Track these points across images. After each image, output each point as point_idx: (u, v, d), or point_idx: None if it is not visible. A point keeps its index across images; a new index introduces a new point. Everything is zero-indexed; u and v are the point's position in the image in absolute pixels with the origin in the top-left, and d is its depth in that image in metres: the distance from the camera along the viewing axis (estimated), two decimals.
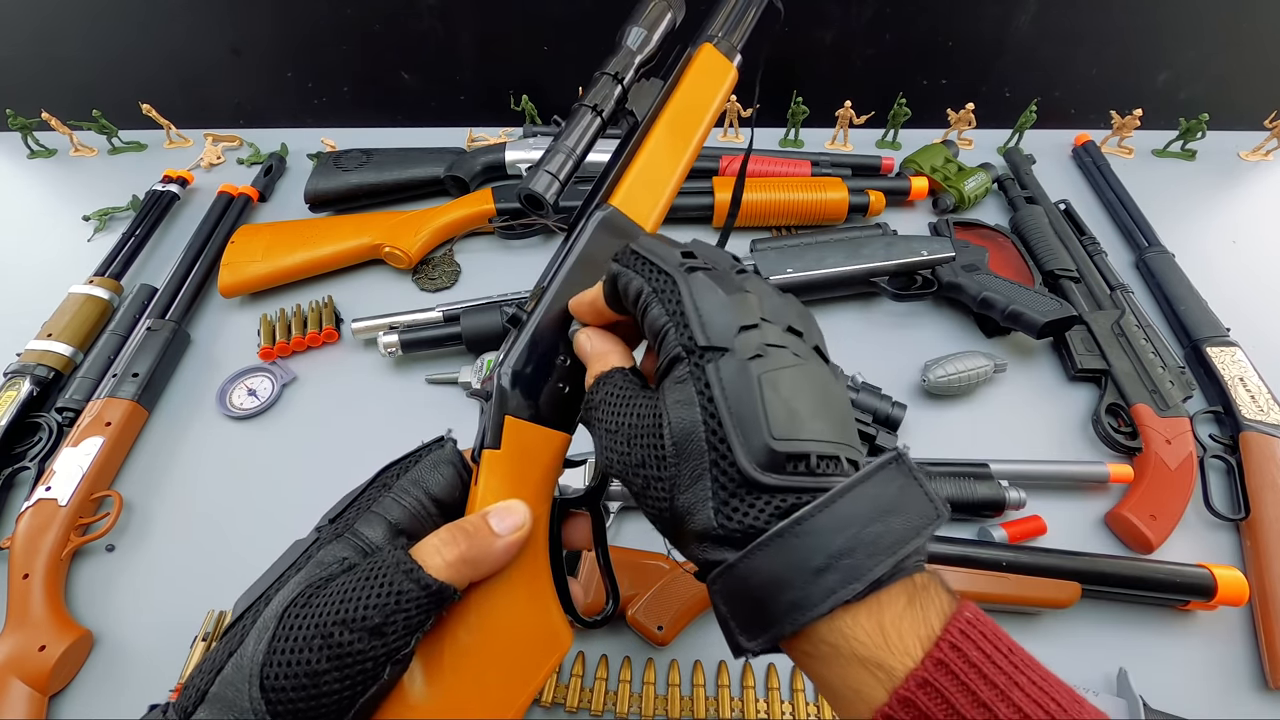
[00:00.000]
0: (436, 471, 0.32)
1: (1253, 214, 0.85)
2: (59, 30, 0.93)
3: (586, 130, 0.37)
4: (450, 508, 0.31)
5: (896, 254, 0.71)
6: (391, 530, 0.29)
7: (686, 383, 0.24)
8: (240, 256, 0.74)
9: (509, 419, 0.31)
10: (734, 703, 0.48)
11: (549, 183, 0.35)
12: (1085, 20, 0.91)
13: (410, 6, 0.89)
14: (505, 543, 0.28)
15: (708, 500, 0.23)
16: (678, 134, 0.39)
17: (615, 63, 0.39)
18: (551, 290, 0.33)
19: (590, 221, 0.35)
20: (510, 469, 0.31)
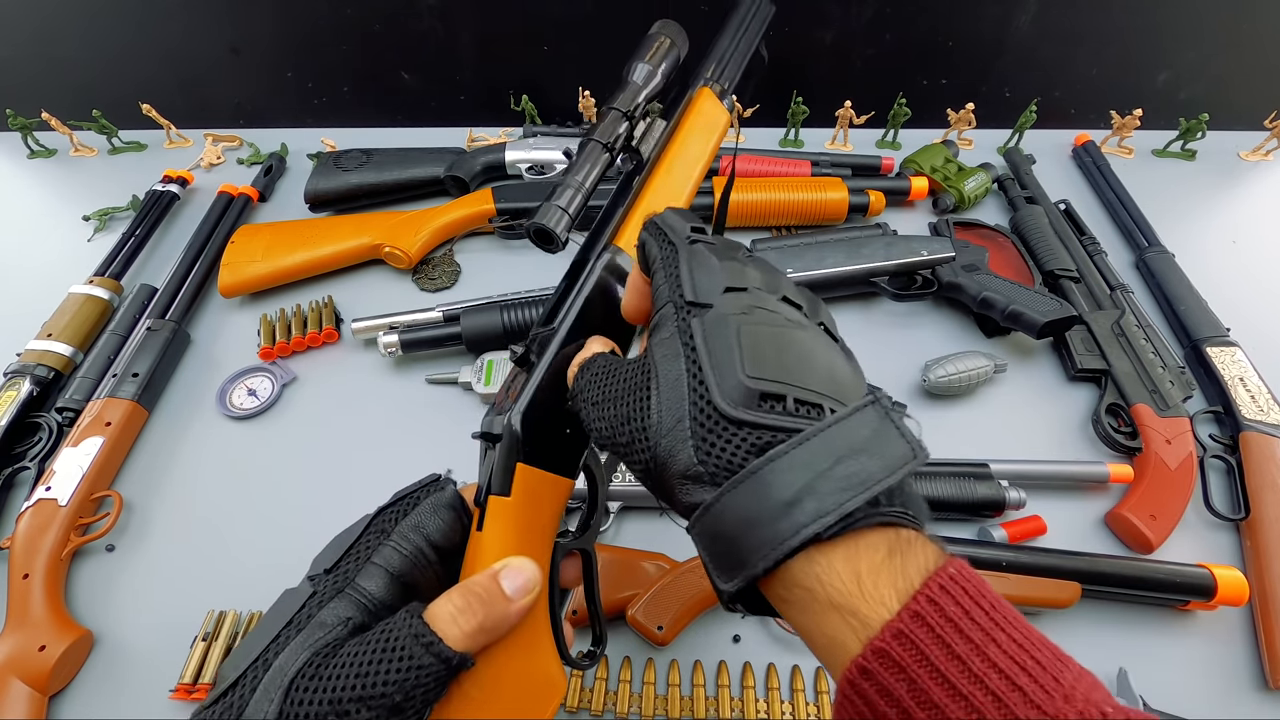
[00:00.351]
0: (437, 516, 0.31)
1: (1253, 214, 0.85)
2: (59, 30, 0.93)
3: (596, 165, 0.38)
4: (449, 554, 0.31)
5: (896, 254, 0.71)
6: (393, 582, 0.28)
7: (673, 337, 0.26)
8: (240, 256, 0.74)
9: (520, 466, 0.31)
10: (734, 703, 0.48)
11: (559, 217, 0.36)
12: (1085, 20, 0.91)
13: (410, 6, 0.89)
14: (518, 607, 0.28)
15: (687, 440, 0.23)
16: (680, 175, 0.40)
17: (624, 99, 0.39)
18: (561, 332, 0.33)
19: (598, 263, 0.35)
20: (519, 517, 0.30)
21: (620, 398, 0.26)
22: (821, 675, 0.49)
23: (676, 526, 0.58)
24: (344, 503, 0.58)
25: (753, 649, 0.51)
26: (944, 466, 0.57)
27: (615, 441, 0.26)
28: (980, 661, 0.19)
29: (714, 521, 0.23)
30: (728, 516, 0.22)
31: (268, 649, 0.26)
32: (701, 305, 0.25)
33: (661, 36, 0.42)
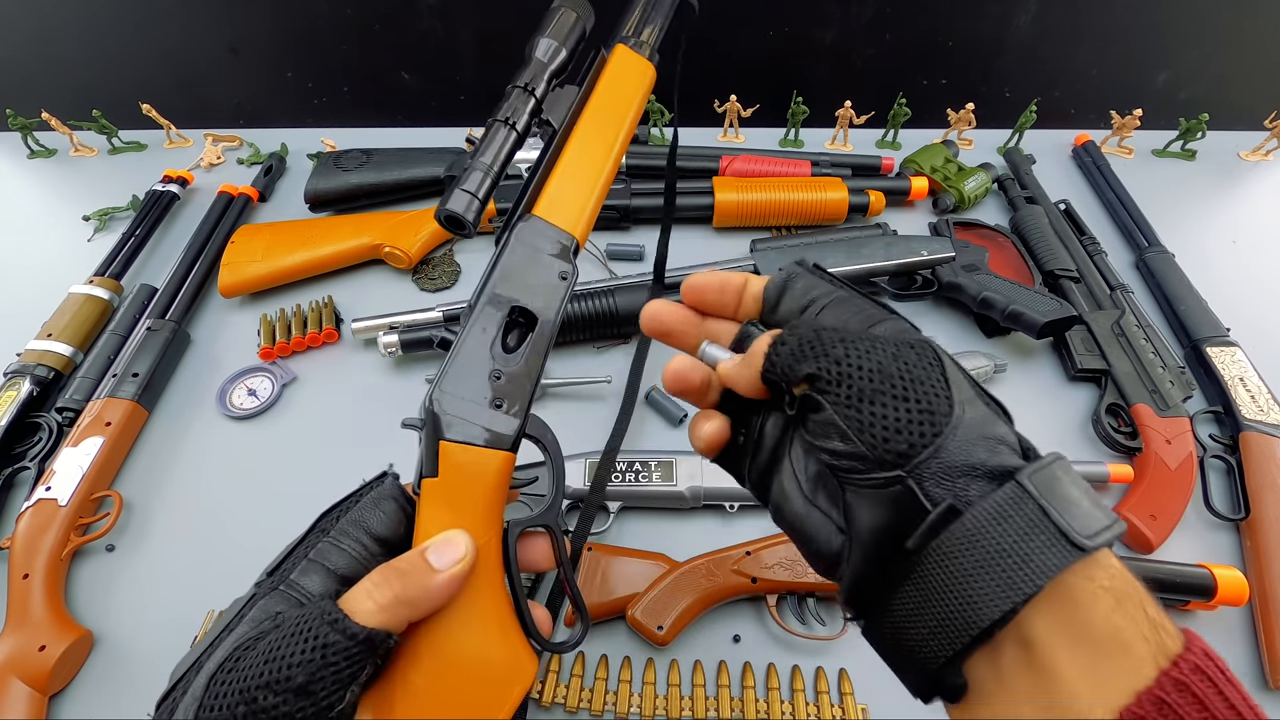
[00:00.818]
0: (378, 509, 0.30)
1: (1253, 214, 0.85)
2: (59, 30, 0.93)
3: (503, 145, 0.37)
4: (396, 546, 0.30)
5: (896, 254, 0.71)
6: (332, 578, 0.28)
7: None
8: (240, 256, 0.74)
9: (443, 444, 0.30)
10: (734, 703, 0.48)
11: (468, 202, 0.35)
12: (1085, 20, 0.91)
13: (410, 6, 0.90)
14: (445, 577, 0.27)
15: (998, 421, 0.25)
16: (598, 137, 0.39)
17: (526, 74, 0.39)
18: (478, 308, 0.33)
19: (513, 233, 0.35)
20: (450, 496, 0.30)
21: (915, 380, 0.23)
22: (821, 675, 0.49)
23: (676, 527, 0.58)
24: None
25: (753, 649, 0.51)
26: None
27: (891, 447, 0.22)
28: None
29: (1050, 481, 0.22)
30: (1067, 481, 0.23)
31: (204, 653, 0.26)
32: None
33: (564, 9, 0.41)
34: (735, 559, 0.52)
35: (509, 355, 0.33)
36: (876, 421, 0.23)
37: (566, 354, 0.70)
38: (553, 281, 0.35)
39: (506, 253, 0.35)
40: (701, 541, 0.54)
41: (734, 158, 0.84)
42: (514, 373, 0.33)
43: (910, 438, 0.22)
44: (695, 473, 0.57)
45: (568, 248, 0.36)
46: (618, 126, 0.40)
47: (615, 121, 0.40)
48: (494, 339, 0.33)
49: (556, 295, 0.35)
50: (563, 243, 0.36)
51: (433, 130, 0.97)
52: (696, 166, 0.85)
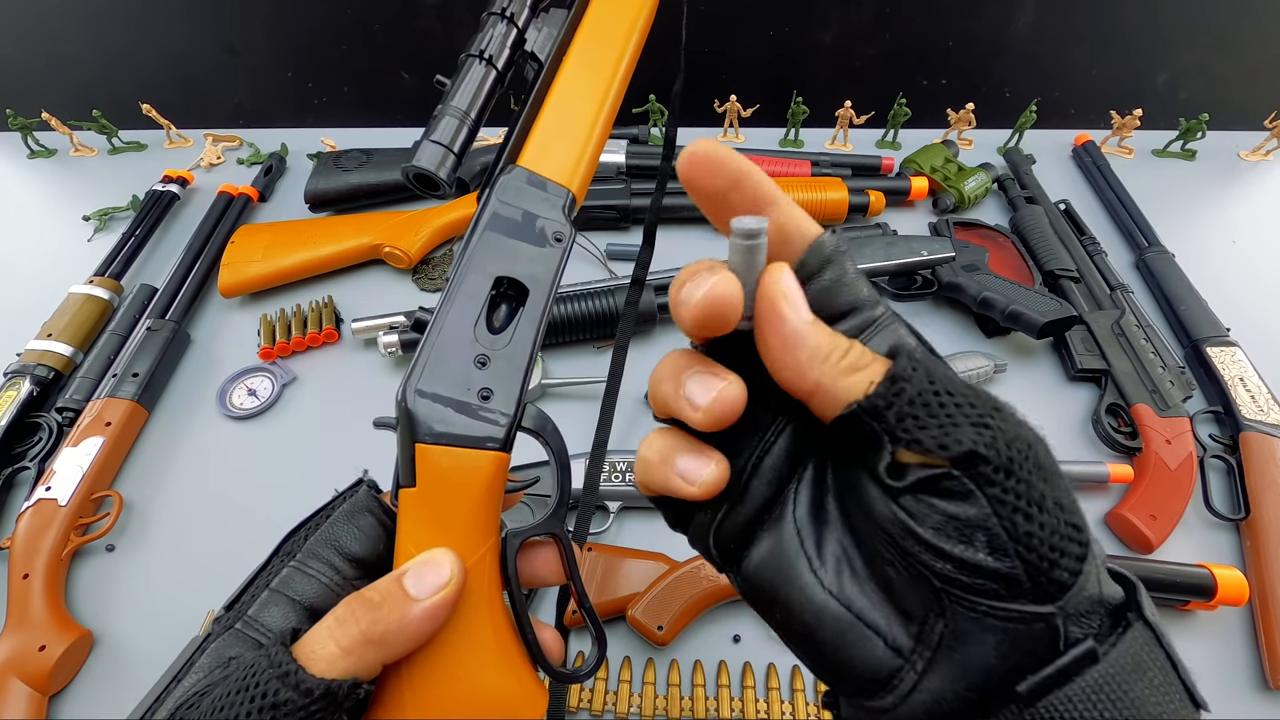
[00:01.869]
0: (351, 524, 0.26)
1: (1253, 214, 0.85)
2: (59, 30, 0.94)
3: (480, 86, 0.30)
4: (374, 566, 0.26)
5: (896, 254, 0.71)
6: (297, 610, 0.24)
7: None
8: (240, 256, 0.74)
9: (420, 448, 0.25)
10: (734, 703, 0.48)
11: (441, 156, 0.29)
12: (1085, 20, 0.91)
13: (410, 6, 0.90)
14: (425, 608, 0.22)
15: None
16: (594, 66, 0.32)
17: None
18: (455, 282, 0.27)
19: (495, 189, 0.28)
20: (432, 508, 0.25)
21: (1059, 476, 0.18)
22: None
23: None
24: None
25: (753, 649, 0.51)
26: None
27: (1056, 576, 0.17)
28: None
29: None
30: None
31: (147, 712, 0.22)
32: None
33: None
34: None
35: (495, 336, 0.27)
36: (1046, 539, 0.16)
37: (566, 354, 0.70)
38: (545, 245, 0.28)
39: (488, 212, 0.28)
40: None
41: None
42: (502, 356, 0.27)
43: (1070, 563, 0.17)
44: None
45: (562, 204, 0.29)
46: (616, 56, 0.33)
47: (613, 50, 0.33)
48: (477, 317, 0.27)
49: (550, 262, 0.28)
50: (555, 198, 0.29)
51: None
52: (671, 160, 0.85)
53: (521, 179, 0.29)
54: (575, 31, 0.33)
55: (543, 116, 0.31)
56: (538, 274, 0.28)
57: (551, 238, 0.29)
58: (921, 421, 0.17)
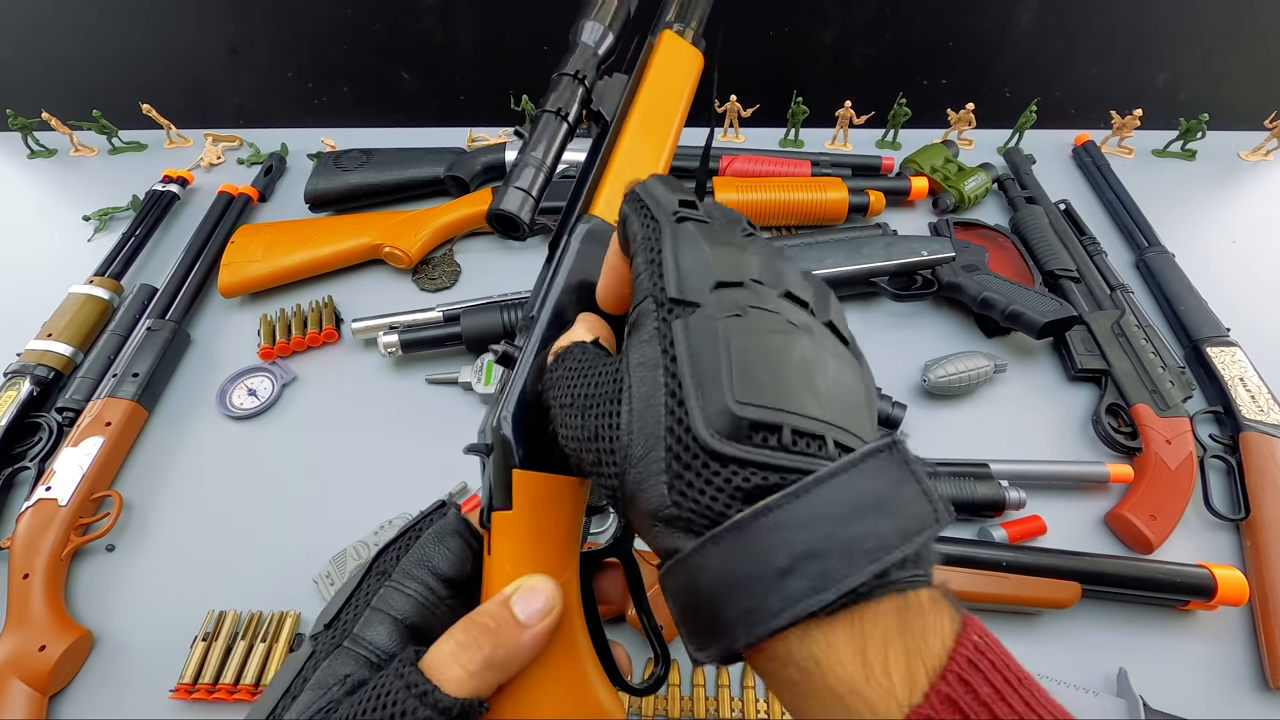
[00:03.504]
0: (442, 545, 0.27)
1: (1253, 214, 0.85)
2: (59, 30, 0.94)
3: (554, 138, 0.34)
4: (462, 585, 0.27)
5: (896, 254, 0.71)
6: (398, 628, 0.25)
7: (651, 341, 0.21)
8: (240, 256, 0.74)
9: (517, 473, 0.27)
10: (734, 703, 0.48)
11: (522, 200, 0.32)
12: (1085, 20, 0.91)
13: (410, 6, 0.90)
14: (535, 633, 0.24)
15: (661, 474, 0.19)
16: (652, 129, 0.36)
17: (574, 61, 0.36)
18: (543, 319, 0.30)
19: (574, 237, 0.31)
20: (527, 530, 0.27)
21: (589, 406, 0.22)
22: None
23: None
24: (344, 503, 0.59)
25: None
26: (944, 466, 0.57)
27: (580, 457, 0.23)
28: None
29: (688, 577, 0.19)
30: (705, 575, 0.18)
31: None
32: (687, 303, 0.21)
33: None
34: None
35: None
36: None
37: None
38: None
39: (568, 257, 0.31)
40: None
41: (734, 158, 0.84)
42: None
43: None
44: None
45: None
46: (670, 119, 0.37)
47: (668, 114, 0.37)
48: None
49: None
50: None
51: (433, 130, 0.97)
52: (697, 166, 0.85)
53: (597, 228, 0.32)
54: (636, 94, 0.37)
55: (610, 170, 0.34)
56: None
57: None
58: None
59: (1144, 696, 0.46)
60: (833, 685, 0.17)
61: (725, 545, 0.18)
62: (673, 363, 0.20)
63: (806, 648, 0.18)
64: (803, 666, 0.18)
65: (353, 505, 0.58)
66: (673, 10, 0.42)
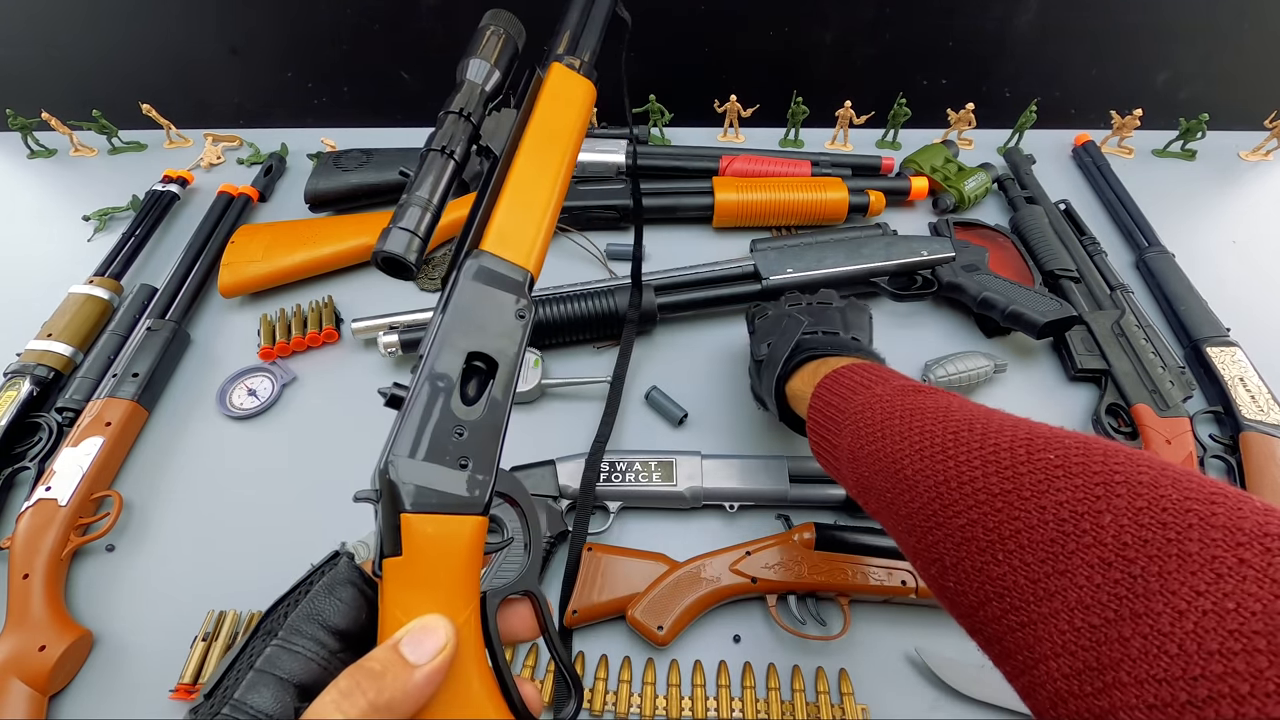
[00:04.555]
0: (333, 597, 0.26)
1: (1253, 214, 0.85)
2: (59, 30, 0.94)
3: (440, 176, 0.34)
4: (358, 639, 0.26)
5: (896, 254, 0.71)
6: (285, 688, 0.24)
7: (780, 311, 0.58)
8: (240, 256, 0.74)
9: (405, 517, 0.26)
10: (734, 703, 0.48)
11: (408, 241, 0.31)
12: (1085, 20, 0.91)
13: (410, 6, 0.90)
14: (425, 673, 0.23)
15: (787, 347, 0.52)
16: (542, 161, 0.37)
17: (460, 99, 0.36)
18: (430, 358, 0.30)
19: (463, 273, 0.32)
20: (418, 575, 0.26)
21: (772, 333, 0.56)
22: (821, 675, 0.49)
23: (676, 527, 0.58)
24: (344, 503, 0.59)
25: (753, 649, 0.51)
26: None
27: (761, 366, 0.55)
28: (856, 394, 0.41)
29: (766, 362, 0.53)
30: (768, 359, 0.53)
31: None
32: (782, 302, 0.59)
33: (491, 27, 0.38)
34: (735, 559, 0.52)
35: (469, 407, 0.30)
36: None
37: (566, 354, 0.70)
38: (509, 322, 0.32)
39: (456, 293, 0.31)
40: (701, 541, 0.54)
41: (734, 158, 0.84)
42: (477, 425, 0.29)
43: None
44: (695, 473, 0.57)
45: (521, 284, 0.33)
46: (562, 149, 0.38)
47: (559, 144, 0.38)
48: (452, 391, 0.29)
49: (515, 337, 0.32)
50: (516, 279, 0.33)
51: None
52: (696, 166, 0.85)
53: (486, 262, 0.32)
54: (524, 128, 0.38)
55: (501, 205, 0.34)
56: (505, 348, 0.31)
57: (515, 314, 0.32)
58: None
59: None
60: (801, 394, 0.47)
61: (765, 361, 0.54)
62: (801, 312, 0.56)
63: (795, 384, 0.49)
64: (795, 390, 0.49)
65: (352, 505, 0.58)
66: (563, 44, 0.43)
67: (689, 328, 0.72)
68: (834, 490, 0.57)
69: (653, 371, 0.68)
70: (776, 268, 0.70)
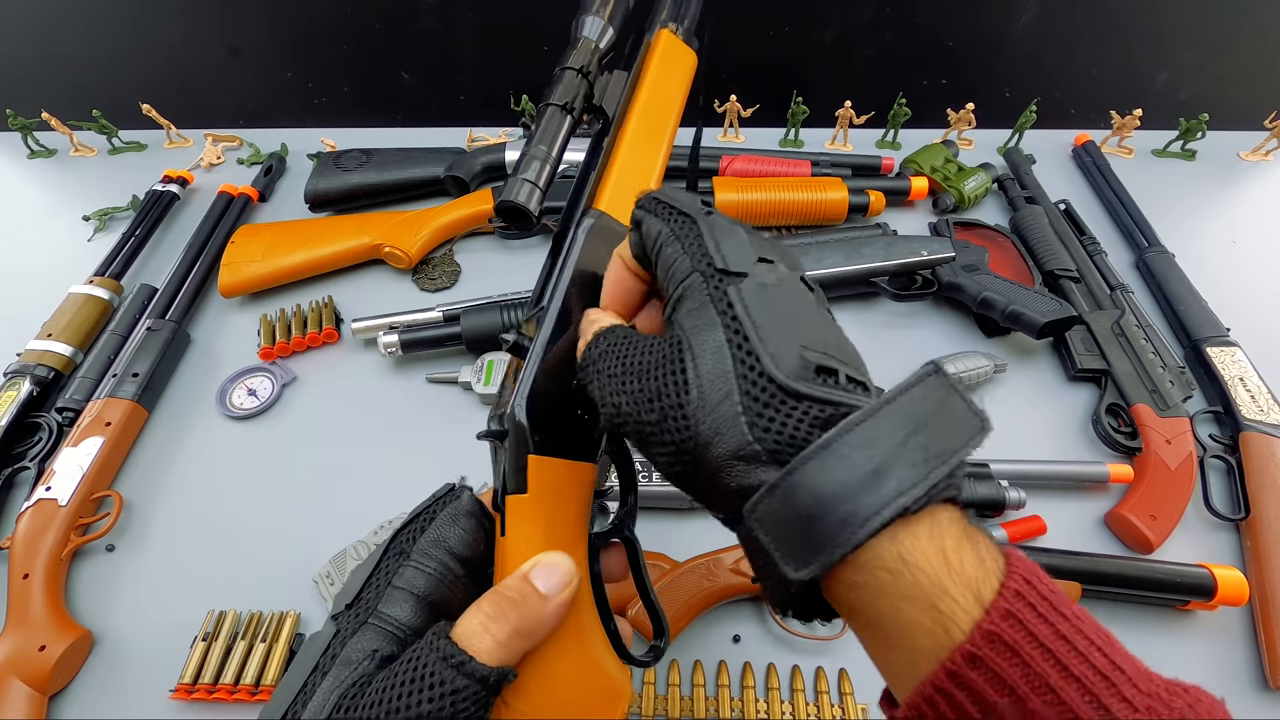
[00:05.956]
0: (457, 525, 0.28)
1: (1253, 214, 0.85)
2: (59, 30, 0.94)
3: (559, 131, 0.35)
4: (475, 565, 0.29)
5: (896, 254, 0.71)
6: (420, 604, 0.26)
7: (704, 307, 0.23)
8: (240, 256, 0.74)
9: (532, 459, 0.28)
10: (734, 703, 0.48)
11: (529, 192, 0.33)
12: (1085, 20, 0.91)
13: (410, 6, 0.90)
14: (556, 603, 0.25)
15: (738, 416, 0.21)
16: (652, 127, 0.37)
17: (576, 56, 0.36)
18: (552, 310, 0.31)
19: (580, 230, 0.33)
20: (542, 513, 0.28)
21: (646, 371, 0.24)
22: (821, 675, 0.49)
23: (676, 527, 0.58)
24: (344, 502, 0.59)
25: (753, 649, 0.51)
26: None
27: (640, 420, 0.24)
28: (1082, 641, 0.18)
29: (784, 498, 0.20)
30: (801, 493, 0.20)
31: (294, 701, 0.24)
32: (735, 274, 0.24)
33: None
34: (735, 559, 0.52)
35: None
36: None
37: None
38: None
39: (575, 250, 0.32)
40: (701, 541, 0.54)
41: (734, 158, 0.84)
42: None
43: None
44: None
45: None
46: (668, 118, 0.38)
47: (666, 113, 0.38)
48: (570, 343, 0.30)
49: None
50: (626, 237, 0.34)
51: (433, 130, 0.97)
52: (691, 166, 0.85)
53: (603, 222, 0.33)
54: (636, 92, 0.38)
55: (613, 167, 0.35)
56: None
57: None
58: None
59: None
60: (921, 582, 0.19)
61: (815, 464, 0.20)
62: (734, 320, 0.23)
63: (895, 548, 0.19)
64: (891, 568, 0.19)
65: (353, 505, 0.58)
66: (668, 9, 0.42)
67: None
68: None
69: None
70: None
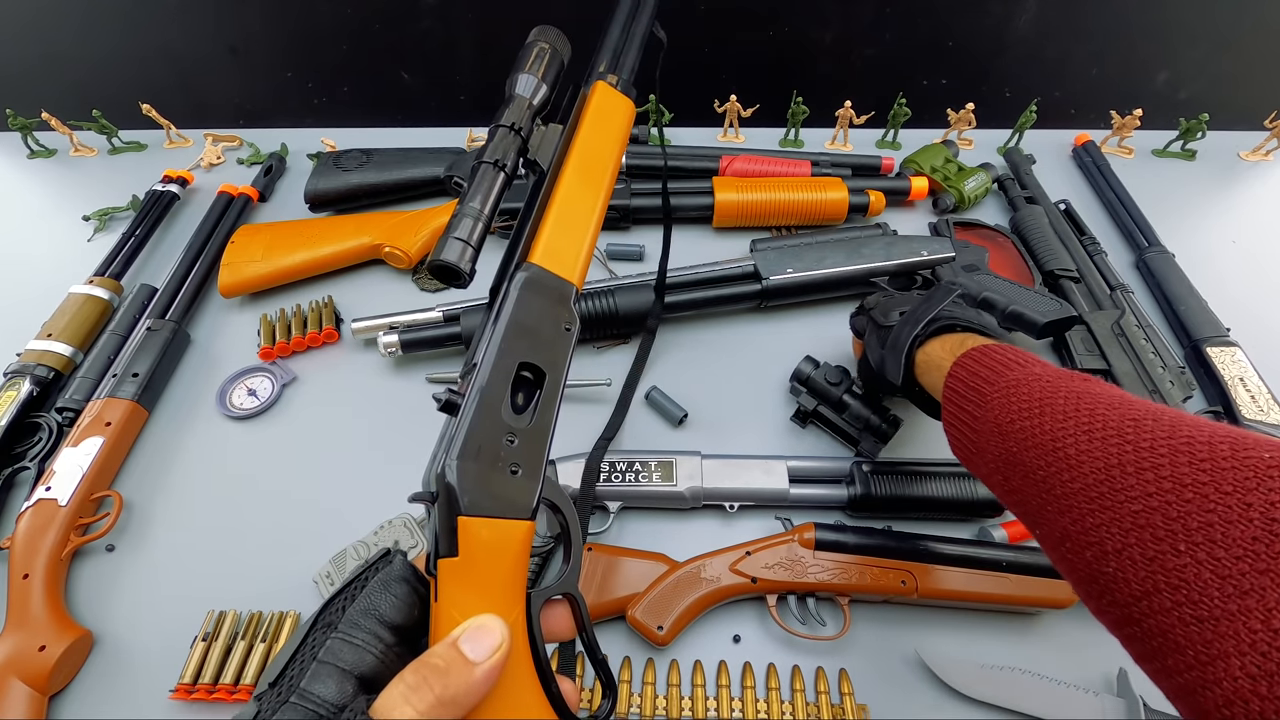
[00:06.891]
0: (388, 592, 0.27)
1: (1253, 214, 0.85)
2: (58, 30, 0.94)
3: (491, 188, 0.35)
4: (409, 633, 0.28)
5: (896, 254, 0.71)
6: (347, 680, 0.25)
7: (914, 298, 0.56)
8: (240, 256, 0.74)
9: (463, 520, 0.27)
10: (734, 703, 0.48)
11: (461, 250, 0.33)
12: (1085, 20, 0.91)
13: (410, 6, 0.90)
14: (484, 669, 0.25)
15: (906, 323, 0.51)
16: (588, 177, 0.38)
17: (510, 113, 0.37)
18: (486, 366, 0.31)
19: (513, 285, 0.33)
20: (474, 576, 0.27)
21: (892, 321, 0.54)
22: (821, 675, 0.49)
23: (676, 527, 0.58)
24: (344, 502, 0.59)
25: (753, 649, 0.51)
26: (944, 467, 0.57)
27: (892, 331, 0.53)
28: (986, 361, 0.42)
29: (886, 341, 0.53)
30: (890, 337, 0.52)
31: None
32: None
33: (540, 43, 0.40)
34: (735, 559, 0.52)
35: (519, 415, 0.31)
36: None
37: None
38: (557, 333, 0.33)
39: (508, 305, 0.32)
40: (701, 541, 0.54)
41: (734, 158, 0.84)
42: (527, 433, 0.30)
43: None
44: (695, 473, 0.57)
45: (568, 297, 0.34)
46: (605, 166, 0.39)
47: (603, 161, 0.39)
48: (504, 399, 0.30)
49: (563, 348, 0.33)
50: (563, 291, 0.34)
51: (433, 130, 0.97)
52: (696, 166, 0.85)
53: (536, 275, 0.34)
54: (571, 142, 0.39)
55: (549, 219, 0.36)
56: (554, 359, 0.33)
57: (562, 327, 0.33)
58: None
59: (1144, 697, 0.46)
60: (938, 361, 0.46)
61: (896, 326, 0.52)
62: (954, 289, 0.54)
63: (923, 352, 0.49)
64: (925, 357, 0.48)
65: (353, 505, 0.58)
66: (605, 62, 0.45)
67: (689, 328, 0.72)
68: (834, 490, 0.57)
69: (653, 371, 0.68)
70: (776, 268, 0.70)
